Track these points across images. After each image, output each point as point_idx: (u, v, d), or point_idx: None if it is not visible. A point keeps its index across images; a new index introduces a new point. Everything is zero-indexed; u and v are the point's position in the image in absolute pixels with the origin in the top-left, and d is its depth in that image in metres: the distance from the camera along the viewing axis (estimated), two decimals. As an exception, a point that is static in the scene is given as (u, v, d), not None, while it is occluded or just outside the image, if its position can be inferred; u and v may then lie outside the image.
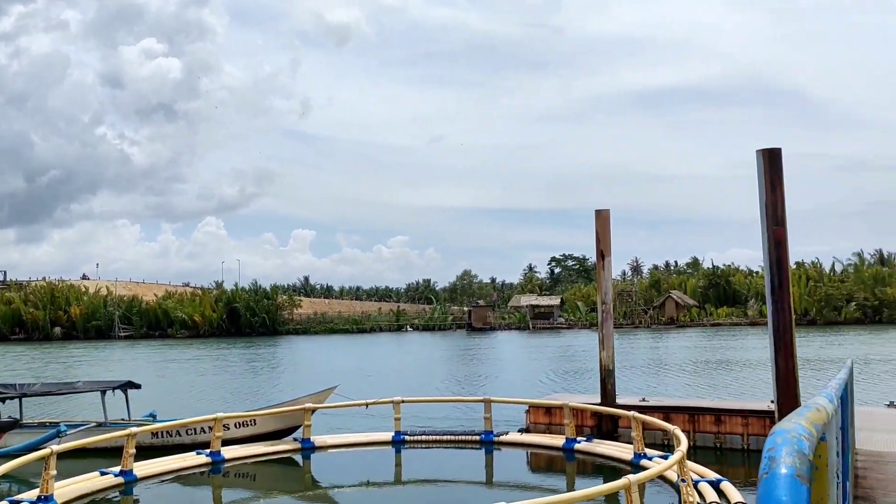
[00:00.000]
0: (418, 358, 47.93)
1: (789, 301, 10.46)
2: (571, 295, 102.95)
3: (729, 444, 15.34)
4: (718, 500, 10.92)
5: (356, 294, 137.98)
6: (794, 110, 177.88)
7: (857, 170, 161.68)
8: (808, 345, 47.03)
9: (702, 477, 12.20)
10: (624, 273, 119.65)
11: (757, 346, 45.54)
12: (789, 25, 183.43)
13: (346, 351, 57.54)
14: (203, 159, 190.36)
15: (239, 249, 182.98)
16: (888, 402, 16.77)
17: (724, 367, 35.34)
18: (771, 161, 10.41)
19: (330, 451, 16.18)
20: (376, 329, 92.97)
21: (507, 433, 16.64)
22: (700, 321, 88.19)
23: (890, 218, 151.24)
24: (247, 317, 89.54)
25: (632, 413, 14.32)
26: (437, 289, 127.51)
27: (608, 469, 14.01)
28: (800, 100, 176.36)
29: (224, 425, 15.29)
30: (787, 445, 1.04)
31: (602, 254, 16.66)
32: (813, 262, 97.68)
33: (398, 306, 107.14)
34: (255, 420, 16.54)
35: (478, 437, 16.47)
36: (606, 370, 16.67)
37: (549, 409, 16.94)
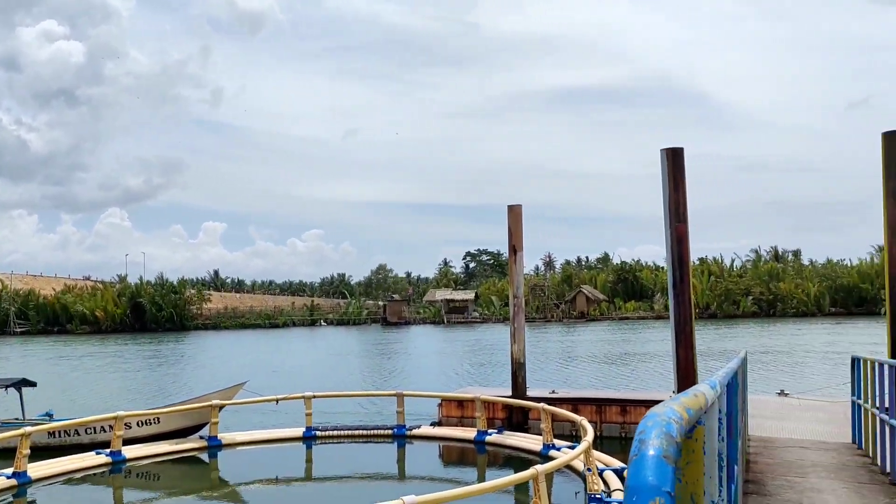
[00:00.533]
0: (332, 353, 47.47)
1: (689, 295, 10.89)
2: (486, 289, 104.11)
3: (634, 433, 15.82)
4: (622, 488, 11.27)
5: (269, 288, 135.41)
6: (699, 112, 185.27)
7: (756, 170, 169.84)
8: (709, 337, 49.12)
9: (607, 466, 12.59)
10: (537, 268, 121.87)
11: (661, 338, 47.28)
12: (695, 30, 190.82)
13: (257, 346, 56.41)
14: (107, 148, 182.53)
15: (145, 242, 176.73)
16: (779, 391, 17.72)
17: (631, 360, 36.53)
18: (674, 160, 10.80)
19: (238, 448, 15.83)
20: (289, 324, 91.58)
21: (419, 427, 16.70)
22: (609, 315, 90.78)
23: (785, 217, 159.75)
24: (152, 312, 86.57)
25: (541, 405, 14.63)
26: (352, 283, 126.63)
27: (518, 460, 14.25)
28: (704, 102, 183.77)
29: (125, 424, 14.75)
30: (656, 428, 1.07)
31: (514, 249, 16.91)
32: (714, 259, 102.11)
33: (312, 301, 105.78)
34: (158, 418, 16.02)
35: (390, 432, 16.46)
36: (517, 363, 16.94)
37: (461, 403, 17.09)
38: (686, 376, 10.74)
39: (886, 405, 8.18)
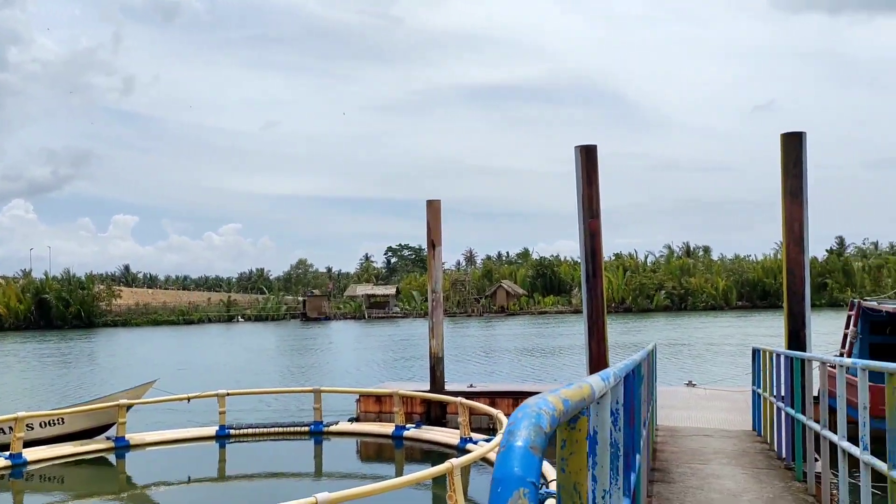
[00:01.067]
0: (250, 349, 46.53)
1: (602, 289, 11.16)
2: (407, 284, 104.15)
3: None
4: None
5: (183, 283, 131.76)
6: (615, 111, 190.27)
7: (670, 169, 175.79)
8: (622, 330, 50.54)
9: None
10: (458, 263, 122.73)
11: (578, 332, 48.24)
12: (612, 31, 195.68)
13: (170, 344, 54.76)
14: (10, 137, 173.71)
15: (51, 235, 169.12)
16: (687, 382, 18.40)
17: (548, 353, 37.23)
18: (587, 157, 11.03)
19: (147, 449, 15.32)
20: (205, 320, 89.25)
21: (337, 423, 16.55)
22: (529, 309, 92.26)
23: (696, 214, 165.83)
24: (59, 308, 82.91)
25: (459, 399, 14.71)
26: (271, 278, 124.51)
27: (436, 454, 14.30)
28: (620, 102, 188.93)
29: (27, 425, 14.06)
30: (526, 420, 1.07)
31: (433, 244, 16.95)
32: (630, 254, 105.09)
33: (229, 296, 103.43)
34: (62, 419, 15.33)
35: (307, 429, 16.25)
36: (436, 357, 17.00)
37: (379, 398, 17.03)
38: (598, 368, 10.99)
39: (782, 393, 8.59)
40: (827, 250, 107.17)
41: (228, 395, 16.33)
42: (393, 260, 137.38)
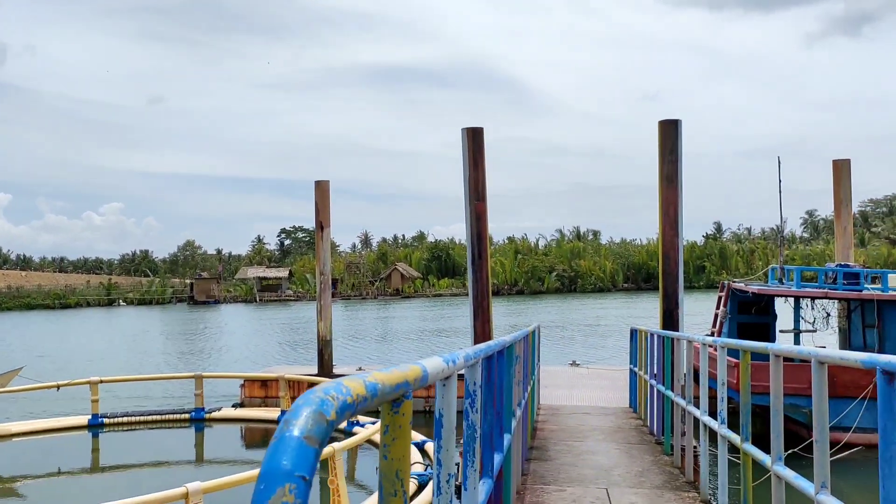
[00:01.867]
0: (131, 334, 44.54)
1: (487, 271, 11.25)
2: (301, 267, 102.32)
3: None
4: (422, 461, 11.51)
5: (60, 265, 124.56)
6: (509, 96, 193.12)
7: (562, 154, 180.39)
8: (510, 311, 51.60)
9: (408, 439, 12.82)
10: (354, 246, 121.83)
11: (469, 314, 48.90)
12: (509, 16, 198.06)
13: (43, 329, 51.66)
14: None
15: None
16: (571, 362, 18.95)
17: (441, 335, 37.51)
18: (474, 139, 11.05)
19: (14, 439, 14.43)
20: (83, 304, 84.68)
21: (219, 409, 16.08)
22: (424, 292, 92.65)
23: (586, 199, 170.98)
24: (-82, 292, 76.71)
25: (346, 382, 14.58)
26: (156, 260, 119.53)
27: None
28: (514, 86, 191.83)
29: None
30: (308, 407, 0.98)
31: (321, 225, 16.64)
32: (522, 237, 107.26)
33: (110, 279, 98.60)
34: (-87, 411, 14.17)
35: (187, 416, 15.71)
36: (324, 340, 16.77)
37: (264, 383, 16.65)
38: (482, 350, 11.10)
39: (655, 371, 8.93)
40: (705, 235, 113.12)
41: (102, 382, 15.53)
42: (287, 242, 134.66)
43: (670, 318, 11.17)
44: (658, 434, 8.74)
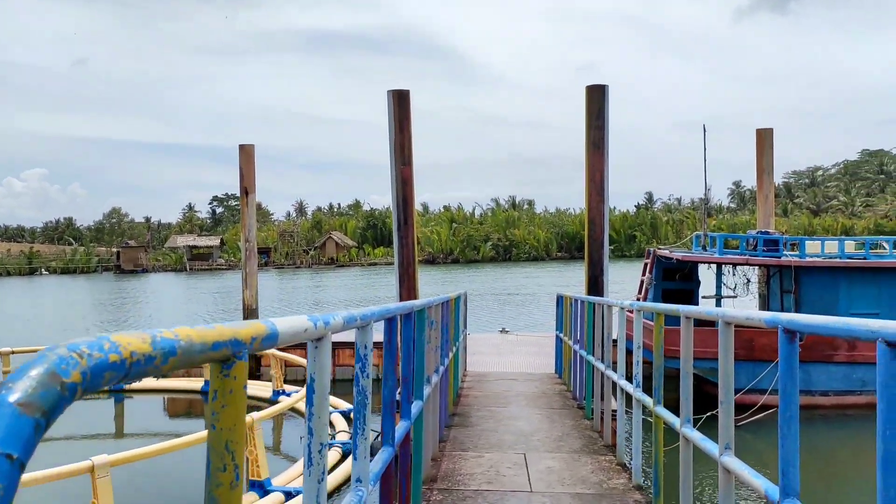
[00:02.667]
0: (53, 304, 42.89)
1: (413, 238, 11.07)
2: (233, 235, 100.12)
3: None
4: (347, 430, 11.36)
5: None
6: (449, 66, 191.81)
7: (499, 125, 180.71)
8: (447, 280, 51.69)
9: (335, 408, 12.65)
10: (289, 214, 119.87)
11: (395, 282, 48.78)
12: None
13: (-41, 299, 49.30)
14: None
15: None
16: (501, 329, 19.02)
17: (373, 304, 37.25)
18: (400, 102, 10.78)
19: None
20: (2, 273, 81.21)
21: (139, 380, 15.58)
22: (359, 261, 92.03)
23: (523, 169, 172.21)
24: None
25: (271, 351, 14.28)
26: (81, 228, 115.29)
27: (249, 408, 13.83)
28: (454, 57, 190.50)
29: None
30: (38, 366, 0.76)
31: (246, 190, 16.14)
32: (458, 206, 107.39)
33: (31, 247, 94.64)
34: None
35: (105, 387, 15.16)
36: (250, 309, 16.37)
37: (188, 352, 16.18)
38: (408, 317, 10.97)
39: (579, 337, 8.94)
40: (637, 205, 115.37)
41: (14, 353, 14.82)
42: (219, 210, 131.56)
43: (595, 284, 11.22)
44: (580, 399, 8.79)
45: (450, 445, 6.57)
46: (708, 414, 10.58)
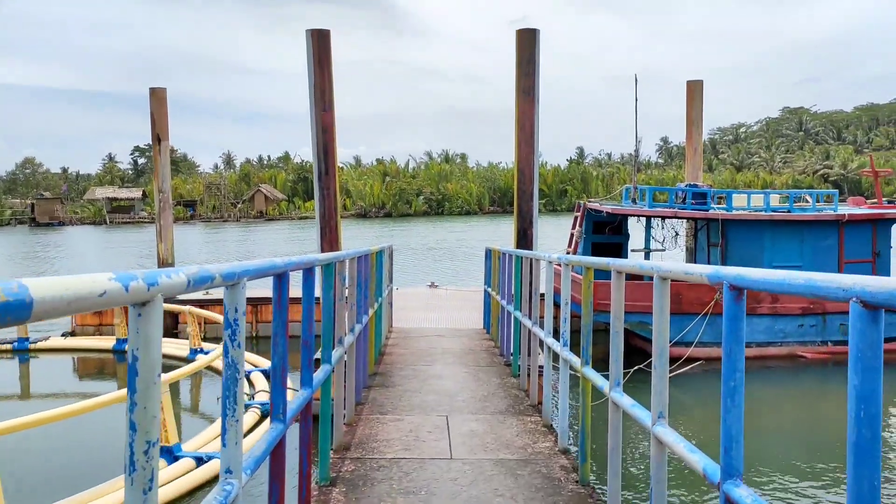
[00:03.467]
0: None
1: (335, 189, 10.49)
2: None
3: (291, 331, 15.59)
4: (267, 389, 10.88)
5: None
6: (383, 16, 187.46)
7: (432, 78, 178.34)
8: (380, 235, 50.97)
9: (255, 366, 12.12)
10: (216, 166, 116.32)
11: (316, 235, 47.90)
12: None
13: None
14: None
15: None
16: (430, 283, 18.67)
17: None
18: (320, 42, 10.07)
19: None
20: None
21: (47, 338, 14.68)
22: (289, 215, 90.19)
23: (456, 123, 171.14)
24: None
25: (188, 308, 13.61)
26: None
27: (164, 368, 13.15)
28: (387, 7, 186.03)
29: None
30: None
31: (158, 138, 15.14)
32: (391, 160, 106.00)
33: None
34: None
35: (9, 346, 14.24)
36: (165, 263, 15.53)
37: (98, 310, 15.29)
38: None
39: (507, 291, 8.61)
40: (568, 160, 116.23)
41: None
42: (141, 161, 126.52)
43: (524, 237, 10.90)
44: (508, 355, 8.50)
45: (368, 408, 6.17)
46: (635, 368, 10.51)
